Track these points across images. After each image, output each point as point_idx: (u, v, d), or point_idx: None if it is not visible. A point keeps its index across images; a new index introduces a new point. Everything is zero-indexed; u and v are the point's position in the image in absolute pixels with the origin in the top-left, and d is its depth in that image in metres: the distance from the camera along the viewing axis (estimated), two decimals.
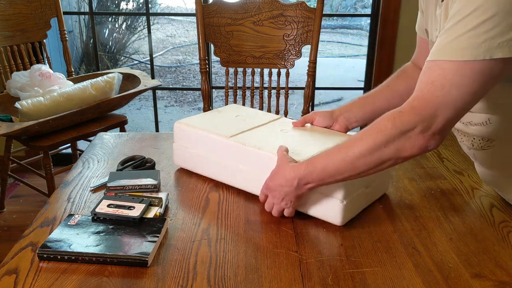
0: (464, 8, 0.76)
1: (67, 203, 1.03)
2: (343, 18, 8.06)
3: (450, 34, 0.78)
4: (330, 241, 0.90)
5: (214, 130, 1.08)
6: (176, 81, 5.47)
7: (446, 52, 0.78)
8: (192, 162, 1.14)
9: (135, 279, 0.79)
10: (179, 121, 1.14)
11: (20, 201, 2.54)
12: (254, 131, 1.10)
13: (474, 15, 0.75)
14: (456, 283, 0.79)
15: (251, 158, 1.02)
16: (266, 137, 1.07)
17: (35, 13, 2.28)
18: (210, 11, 1.90)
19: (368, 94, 1.24)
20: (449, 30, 0.79)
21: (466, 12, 0.75)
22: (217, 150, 1.07)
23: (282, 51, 1.93)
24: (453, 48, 0.77)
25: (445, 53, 0.78)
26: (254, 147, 1.02)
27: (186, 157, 1.15)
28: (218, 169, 1.09)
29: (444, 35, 0.79)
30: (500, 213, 1.00)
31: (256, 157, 1.01)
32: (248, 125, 1.12)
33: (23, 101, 1.86)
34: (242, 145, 1.03)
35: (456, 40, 0.77)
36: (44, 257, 0.83)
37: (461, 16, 0.77)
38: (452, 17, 0.80)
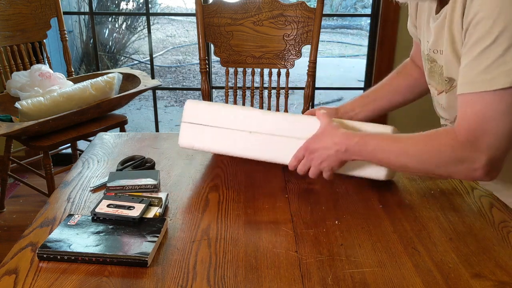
0: (486, 36, 0.77)
1: (67, 203, 1.02)
2: (343, 18, 8.06)
3: (479, 63, 0.79)
4: (330, 241, 0.90)
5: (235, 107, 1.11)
6: (176, 81, 5.47)
7: (482, 84, 0.79)
8: (206, 139, 1.11)
9: (135, 279, 0.79)
10: (191, 100, 1.15)
11: (20, 201, 2.54)
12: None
13: (498, 42, 0.75)
14: (456, 283, 0.79)
15: (289, 126, 1.04)
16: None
17: (35, 13, 2.28)
18: (210, 11, 1.90)
19: (369, 92, 1.25)
20: (477, 59, 0.79)
21: (490, 40, 0.76)
22: (245, 122, 1.08)
23: (282, 51, 1.93)
24: (487, 79, 0.78)
25: (482, 84, 0.79)
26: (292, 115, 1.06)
27: (197, 134, 1.11)
28: (240, 141, 1.08)
29: (473, 64, 0.80)
30: (500, 213, 1.00)
31: (295, 124, 1.04)
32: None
33: (23, 101, 1.86)
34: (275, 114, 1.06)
35: (488, 69, 0.77)
36: (44, 257, 0.83)
37: (485, 44, 0.77)
38: (474, 45, 0.80)
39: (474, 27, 0.80)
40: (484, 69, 0.78)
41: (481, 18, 0.78)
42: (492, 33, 0.77)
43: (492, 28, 0.76)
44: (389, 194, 1.08)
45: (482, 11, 0.78)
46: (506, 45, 0.75)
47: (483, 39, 0.78)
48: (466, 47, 0.83)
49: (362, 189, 1.09)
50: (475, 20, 0.79)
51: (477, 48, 0.79)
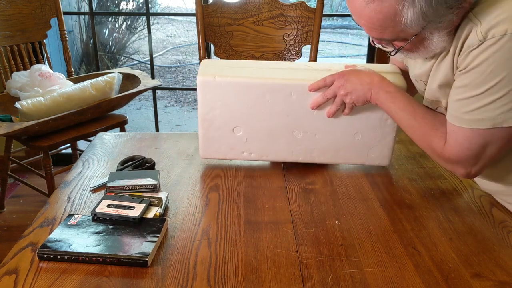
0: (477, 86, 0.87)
1: (67, 203, 1.02)
2: (343, 18, 8.06)
3: (468, 105, 0.90)
4: (330, 241, 0.90)
5: None
6: (176, 81, 5.47)
7: (467, 122, 0.91)
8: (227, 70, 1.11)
9: (135, 279, 0.79)
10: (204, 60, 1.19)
11: (20, 201, 2.54)
12: None
13: (486, 94, 0.86)
14: (456, 283, 0.79)
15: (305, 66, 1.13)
16: None
17: (35, 13, 2.28)
18: (210, 11, 1.90)
19: None
20: (466, 101, 0.90)
21: (480, 90, 0.87)
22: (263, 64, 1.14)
23: (282, 51, 1.93)
24: (473, 120, 0.90)
25: (467, 123, 0.91)
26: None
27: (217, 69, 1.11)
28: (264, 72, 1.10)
29: (462, 103, 0.91)
30: (500, 213, 1.00)
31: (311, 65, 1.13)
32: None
33: (23, 101, 1.86)
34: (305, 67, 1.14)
35: (474, 111, 0.89)
36: (44, 257, 0.83)
37: (475, 92, 0.88)
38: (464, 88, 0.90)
39: (464, 74, 0.89)
40: (472, 111, 0.90)
41: (477, 68, 0.86)
42: (480, 88, 0.87)
43: (484, 81, 0.86)
44: (389, 194, 1.08)
45: (474, 65, 0.87)
46: (492, 99, 0.86)
47: (471, 88, 0.88)
48: (455, 84, 0.93)
49: (362, 189, 1.09)
50: (472, 67, 0.88)
51: (464, 93, 0.90)
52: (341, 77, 1.06)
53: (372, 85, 1.04)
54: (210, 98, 1.11)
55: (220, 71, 1.10)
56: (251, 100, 1.09)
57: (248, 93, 1.09)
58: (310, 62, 1.17)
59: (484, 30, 0.84)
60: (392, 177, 1.15)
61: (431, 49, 0.93)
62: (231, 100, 1.10)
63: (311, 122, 1.11)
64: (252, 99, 1.09)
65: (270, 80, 1.08)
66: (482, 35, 0.84)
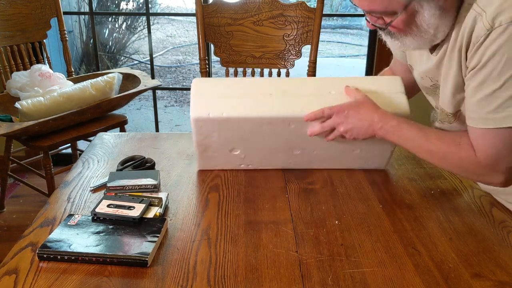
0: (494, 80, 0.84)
1: (67, 203, 1.02)
2: (343, 18, 8.06)
3: (489, 103, 0.86)
4: (330, 241, 0.90)
5: None
6: (176, 81, 5.47)
7: (494, 122, 0.87)
8: (221, 106, 1.03)
9: (135, 279, 0.79)
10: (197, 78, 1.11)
11: (20, 201, 2.54)
12: None
13: (505, 87, 0.83)
14: (456, 283, 0.79)
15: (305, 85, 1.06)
16: None
17: (35, 13, 2.27)
18: (210, 11, 1.90)
19: None
20: (487, 100, 0.87)
21: (498, 84, 0.84)
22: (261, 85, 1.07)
23: (282, 51, 1.93)
24: (499, 118, 0.86)
25: (494, 122, 0.87)
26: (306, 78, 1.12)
27: (211, 104, 1.04)
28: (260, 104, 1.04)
29: (483, 103, 0.87)
30: (500, 213, 1.00)
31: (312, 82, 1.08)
32: None
33: (23, 101, 1.86)
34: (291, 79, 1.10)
35: (498, 109, 0.85)
36: (44, 257, 0.83)
37: (494, 87, 0.85)
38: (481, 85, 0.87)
39: (479, 70, 0.86)
40: (495, 109, 0.85)
41: (489, 62, 0.83)
42: (499, 79, 0.83)
43: (500, 73, 0.83)
44: (389, 194, 1.08)
45: (487, 58, 0.83)
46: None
47: (491, 82, 0.85)
48: (471, 83, 0.89)
49: (362, 189, 1.09)
50: (480, 64, 0.85)
51: (484, 90, 0.86)
52: (340, 113, 1.01)
53: (373, 122, 1.00)
54: (205, 131, 1.07)
55: (214, 105, 1.03)
56: (248, 131, 1.06)
57: (245, 126, 1.05)
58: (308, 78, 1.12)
59: (490, 18, 0.81)
60: (392, 177, 1.15)
61: (424, 28, 0.90)
62: (227, 132, 1.07)
63: (310, 142, 1.09)
64: (249, 131, 1.06)
65: (268, 113, 1.03)
66: (489, 23, 0.81)
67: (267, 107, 1.04)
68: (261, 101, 1.04)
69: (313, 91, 1.07)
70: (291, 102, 1.05)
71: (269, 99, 1.05)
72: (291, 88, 1.07)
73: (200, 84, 1.08)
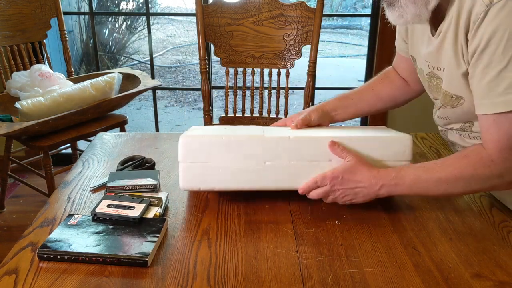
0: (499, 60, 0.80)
1: (67, 203, 1.02)
2: (343, 18, 8.06)
3: (496, 85, 0.82)
4: (330, 241, 0.90)
5: (240, 134, 1.00)
6: (176, 81, 5.47)
7: (505, 105, 0.82)
8: (213, 178, 0.99)
9: (135, 279, 0.79)
10: (184, 135, 0.99)
11: (20, 201, 2.54)
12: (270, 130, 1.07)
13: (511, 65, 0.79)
14: (456, 283, 0.79)
15: (302, 150, 0.95)
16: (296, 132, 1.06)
17: (35, 13, 2.28)
18: (210, 11, 1.90)
19: (352, 93, 1.29)
20: (494, 82, 0.82)
21: (503, 64, 0.80)
22: (254, 151, 0.97)
23: (282, 51, 1.93)
24: (509, 100, 0.81)
25: (505, 105, 0.82)
26: (305, 137, 0.98)
27: (202, 175, 0.98)
28: (254, 175, 0.98)
29: (489, 86, 0.83)
30: (500, 213, 1.00)
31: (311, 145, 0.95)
32: (255, 130, 1.07)
33: (23, 101, 1.86)
34: (287, 138, 0.97)
35: (507, 90, 0.81)
36: (44, 257, 0.83)
37: (499, 67, 0.81)
38: (487, 68, 0.82)
39: (483, 51, 0.82)
40: (504, 91, 0.81)
41: (491, 41, 0.80)
42: (504, 58, 0.80)
43: (504, 51, 0.79)
44: None
45: (489, 36, 0.80)
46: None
47: (496, 63, 0.81)
48: (477, 68, 0.85)
49: None
50: (483, 44, 0.81)
51: (490, 72, 0.82)
52: (334, 179, 0.95)
53: (371, 184, 0.94)
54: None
55: (204, 178, 0.98)
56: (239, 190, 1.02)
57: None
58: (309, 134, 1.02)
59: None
60: None
61: None
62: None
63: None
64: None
65: (261, 184, 0.99)
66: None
67: (260, 178, 0.99)
68: (254, 171, 0.98)
69: (311, 156, 0.99)
70: (285, 172, 0.99)
71: (262, 167, 0.98)
72: (288, 150, 0.98)
73: (188, 144, 0.98)
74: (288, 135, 0.99)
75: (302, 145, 0.97)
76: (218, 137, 0.98)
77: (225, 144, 0.97)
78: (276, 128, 1.14)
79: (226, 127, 1.11)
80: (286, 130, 1.11)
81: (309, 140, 0.97)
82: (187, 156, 0.98)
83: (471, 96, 0.92)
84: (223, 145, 0.97)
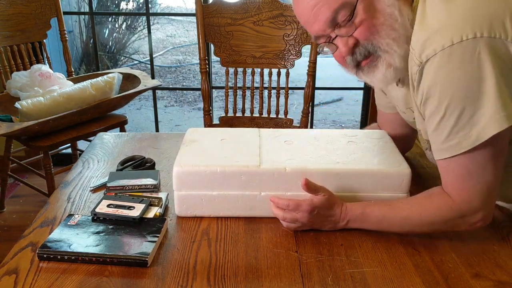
0: (437, 110, 0.84)
1: (67, 203, 1.02)
2: None
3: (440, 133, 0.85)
4: (330, 241, 0.90)
5: (232, 163, 0.97)
6: (176, 81, 5.47)
7: (450, 150, 0.85)
8: (208, 207, 0.98)
9: (135, 279, 0.79)
10: (177, 164, 0.97)
11: (20, 201, 2.54)
12: (266, 151, 1.03)
13: (448, 114, 0.82)
14: (456, 283, 0.79)
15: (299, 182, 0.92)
16: (291, 154, 1.01)
17: (35, 13, 2.27)
18: (210, 11, 1.90)
19: None
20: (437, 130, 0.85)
21: (441, 113, 0.84)
22: (250, 182, 0.96)
23: (282, 51, 1.93)
24: (453, 145, 0.84)
25: (450, 151, 0.85)
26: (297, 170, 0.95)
27: (197, 204, 0.98)
28: (249, 204, 0.97)
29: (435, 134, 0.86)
30: (500, 213, 1.00)
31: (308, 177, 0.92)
32: (251, 147, 1.04)
33: (23, 101, 1.86)
34: (283, 170, 0.95)
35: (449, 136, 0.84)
36: (44, 257, 0.83)
37: (438, 117, 0.84)
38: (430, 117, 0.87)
39: (425, 102, 0.86)
40: (446, 138, 0.84)
41: (429, 95, 0.84)
42: (440, 108, 0.83)
43: (439, 103, 0.82)
44: None
45: (428, 89, 0.83)
46: (456, 115, 0.81)
47: (436, 113, 0.84)
48: (426, 118, 0.89)
49: None
50: (425, 96, 0.85)
51: (433, 121, 0.85)
52: (309, 213, 0.91)
53: (339, 219, 0.93)
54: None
55: (199, 206, 0.97)
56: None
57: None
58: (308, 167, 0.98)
59: (417, 55, 0.82)
60: None
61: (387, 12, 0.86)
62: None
63: None
64: None
65: (255, 213, 0.98)
66: (418, 60, 0.82)
67: (256, 206, 0.97)
68: (248, 200, 0.97)
69: None
70: None
71: (258, 198, 0.97)
72: (284, 181, 0.96)
73: (182, 175, 0.96)
74: (285, 167, 0.96)
75: (298, 177, 0.93)
76: (213, 167, 0.96)
77: (220, 175, 0.95)
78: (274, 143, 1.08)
79: (222, 139, 1.08)
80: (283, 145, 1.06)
81: (306, 173, 0.95)
82: (182, 186, 0.96)
83: None
84: (218, 176, 0.95)
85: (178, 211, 0.98)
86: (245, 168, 0.96)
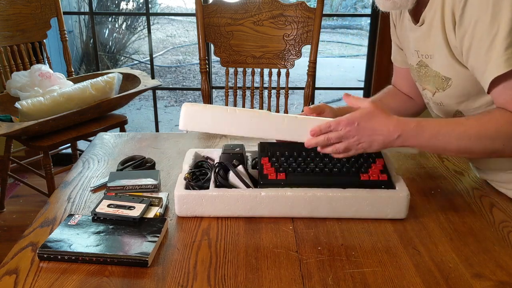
0: (490, 30, 0.82)
1: (67, 203, 1.03)
2: (343, 18, 8.06)
3: (496, 50, 0.83)
4: (330, 241, 0.90)
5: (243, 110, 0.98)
6: (176, 81, 5.47)
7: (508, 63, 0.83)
8: (208, 206, 0.97)
9: (135, 279, 0.79)
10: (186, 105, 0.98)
11: (20, 201, 2.54)
12: None
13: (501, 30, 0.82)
14: (456, 283, 0.79)
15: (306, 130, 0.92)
16: None
17: (35, 13, 2.28)
18: (210, 11, 1.90)
19: None
20: (492, 49, 0.83)
21: (494, 31, 0.82)
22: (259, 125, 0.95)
23: (282, 51, 1.93)
24: None
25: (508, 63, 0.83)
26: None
27: (197, 203, 0.97)
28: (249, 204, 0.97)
29: (490, 54, 0.84)
30: (500, 213, 1.00)
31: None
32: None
33: (23, 101, 1.86)
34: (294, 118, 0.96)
35: (508, 49, 0.82)
36: (44, 257, 0.83)
37: (492, 36, 0.83)
38: (481, 41, 0.85)
39: (474, 28, 0.84)
40: (505, 51, 0.82)
41: (478, 20, 0.83)
42: (493, 27, 0.81)
43: (491, 23, 0.82)
44: None
45: (476, 15, 0.83)
46: (508, 29, 0.80)
47: (488, 33, 0.82)
48: (472, 46, 0.86)
49: None
50: (473, 24, 0.84)
51: (486, 42, 0.83)
52: (350, 125, 0.89)
53: (389, 132, 0.89)
54: None
55: (199, 209, 0.97)
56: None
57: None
58: None
59: None
60: None
61: None
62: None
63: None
64: None
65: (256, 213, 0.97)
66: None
67: (254, 206, 0.97)
68: (248, 200, 0.96)
69: None
70: (280, 203, 0.96)
71: (258, 194, 0.96)
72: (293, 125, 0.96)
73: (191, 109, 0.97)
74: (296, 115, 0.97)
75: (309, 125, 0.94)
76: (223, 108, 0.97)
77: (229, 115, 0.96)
78: None
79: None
80: None
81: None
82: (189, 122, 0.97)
83: (458, 76, 0.94)
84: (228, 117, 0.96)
85: (178, 211, 0.98)
86: (256, 113, 0.96)
